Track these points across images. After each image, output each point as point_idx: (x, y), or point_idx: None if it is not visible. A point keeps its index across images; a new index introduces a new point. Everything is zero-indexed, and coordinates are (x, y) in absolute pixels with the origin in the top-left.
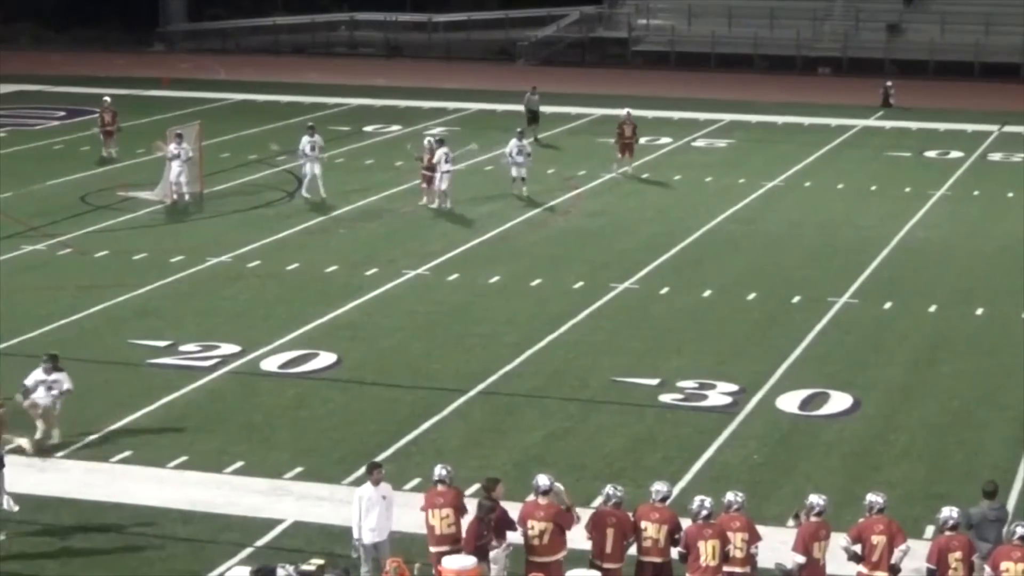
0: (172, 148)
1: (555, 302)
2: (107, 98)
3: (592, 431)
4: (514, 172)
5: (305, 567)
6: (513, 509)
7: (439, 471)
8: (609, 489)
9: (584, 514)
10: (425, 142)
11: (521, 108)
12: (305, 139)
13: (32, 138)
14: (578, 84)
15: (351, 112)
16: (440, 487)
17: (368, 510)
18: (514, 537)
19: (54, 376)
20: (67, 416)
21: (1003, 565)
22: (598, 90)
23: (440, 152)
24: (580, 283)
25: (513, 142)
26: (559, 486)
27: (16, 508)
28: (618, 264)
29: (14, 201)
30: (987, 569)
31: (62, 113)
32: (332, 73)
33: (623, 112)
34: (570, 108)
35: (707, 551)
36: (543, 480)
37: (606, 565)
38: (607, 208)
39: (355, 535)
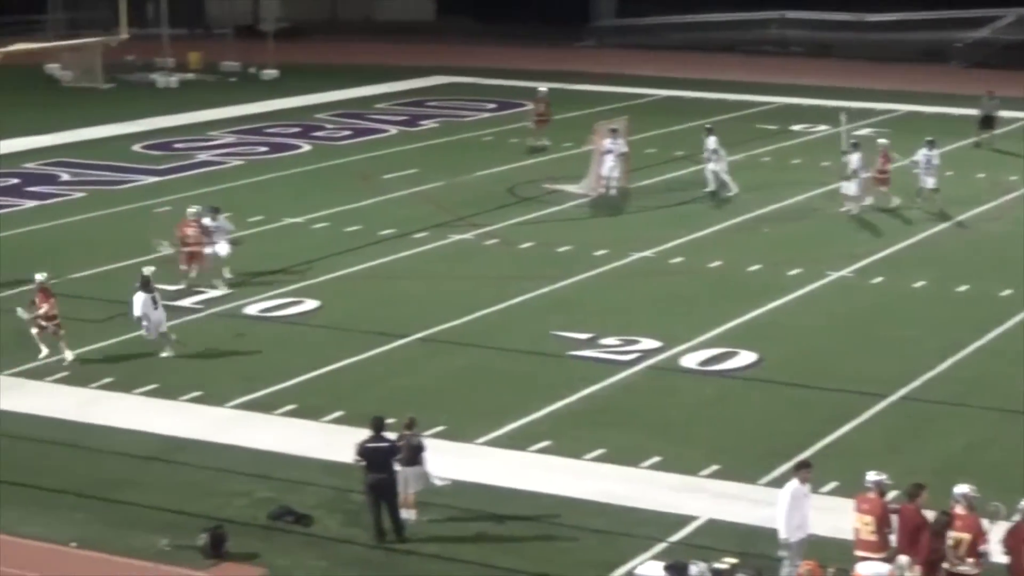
0: (607, 143)
1: (982, 308)
2: (543, 88)
3: (1017, 442)
4: (920, 183)
5: (718, 565)
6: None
7: (870, 476)
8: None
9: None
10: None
11: (963, 112)
12: (704, 139)
13: (463, 129)
14: (1013, 87)
15: (777, 111)
16: (869, 494)
17: (796, 507)
18: None
19: None
20: (484, 402)
21: None
22: None
23: (854, 157)
24: (1009, 290)
25: (922, 152)
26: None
27: (448, 482)
28: None
29: (444, 191)
30: None
31: (493, 105)
32: (759, 71)
33: None
34: (1004, 112)
35: None
36: (962, 490)
37: None
38: None
39: (782, 534)
